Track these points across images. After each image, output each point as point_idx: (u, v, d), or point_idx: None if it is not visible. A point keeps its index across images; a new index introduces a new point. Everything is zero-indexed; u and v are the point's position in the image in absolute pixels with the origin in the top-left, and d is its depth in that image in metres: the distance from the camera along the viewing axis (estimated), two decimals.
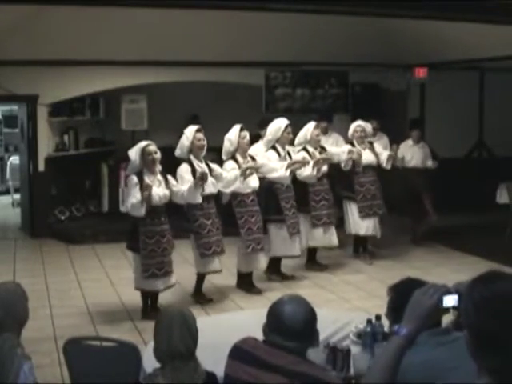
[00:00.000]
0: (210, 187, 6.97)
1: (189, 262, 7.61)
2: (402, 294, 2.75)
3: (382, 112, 11.23)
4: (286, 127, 7.83)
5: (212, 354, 3.31)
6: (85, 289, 7.65)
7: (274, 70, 10.93)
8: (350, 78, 11.26)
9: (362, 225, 8.72)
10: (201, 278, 7.22)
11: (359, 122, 8.90)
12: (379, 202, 8.79)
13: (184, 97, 11.19)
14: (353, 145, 8.79)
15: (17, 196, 12.80)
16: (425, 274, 7.08)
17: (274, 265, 7.98)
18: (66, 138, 10.87)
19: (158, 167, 6.64)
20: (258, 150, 8.02)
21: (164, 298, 6.84)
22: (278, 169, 7.73)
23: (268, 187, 7.80)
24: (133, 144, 7.52)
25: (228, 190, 7.24)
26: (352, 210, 8.77)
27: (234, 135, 7.36)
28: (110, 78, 10.29)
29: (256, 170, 7.44)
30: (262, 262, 7.58)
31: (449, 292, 2.08)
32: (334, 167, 8.66)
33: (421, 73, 11.17)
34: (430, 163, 9.93)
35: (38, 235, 10.25)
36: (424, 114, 12.04)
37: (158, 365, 3.03)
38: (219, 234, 7.10)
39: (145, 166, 6.53)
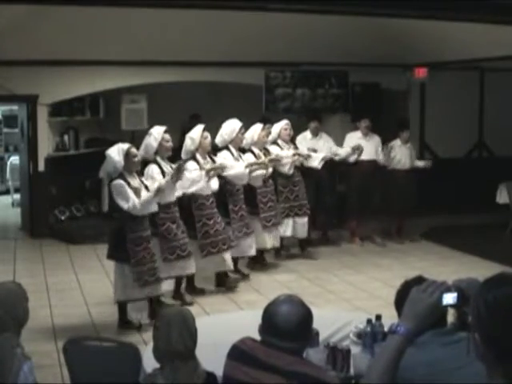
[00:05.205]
0: (177, 189, 6.81)
1: None
2: (407, 291, 2.72)
3: (382, 112, 11.23)
4: (240, 129, 7.81)
5: (212, 354, 3.31)
6: (85, 289, 7.65)
7: (274, 70, 10.92)
8: (350, 78, 11.24)
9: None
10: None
11: (287, 121, 8.79)
12: (303, 202, 8.75)
13: (184, 97, 11.18)
14: (278, 144, 8.70)
15: (17, 196, 12.78)
16: (425, 274, 7.01)
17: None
18: (66, 137, 10.87)
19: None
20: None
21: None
22: (235, 166, 7.62)
23: (218, 189, 7.70)
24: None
25: (191, 190, 7.10)
26: None
27: (196, 134, 7.27)
28: (110, 77, 10.28)
29: (221, 170, 7.34)
30: (225, 263, 7.44)
31: (449, 290, 2.04)
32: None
33: (421, 73, 11.18)
34: (418, 163, 10.03)
35: (38, 235, 10.24)
36: (424, 114, 12.04)
37: (157, 365, 3.03)
38: (185, 237, 6.90)
39: (126, 169, 6.22)
